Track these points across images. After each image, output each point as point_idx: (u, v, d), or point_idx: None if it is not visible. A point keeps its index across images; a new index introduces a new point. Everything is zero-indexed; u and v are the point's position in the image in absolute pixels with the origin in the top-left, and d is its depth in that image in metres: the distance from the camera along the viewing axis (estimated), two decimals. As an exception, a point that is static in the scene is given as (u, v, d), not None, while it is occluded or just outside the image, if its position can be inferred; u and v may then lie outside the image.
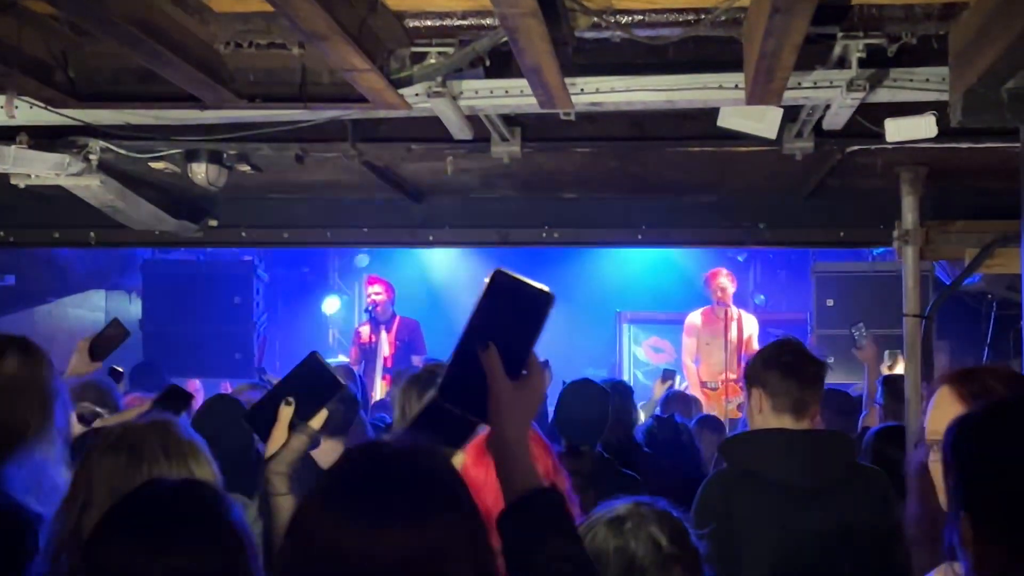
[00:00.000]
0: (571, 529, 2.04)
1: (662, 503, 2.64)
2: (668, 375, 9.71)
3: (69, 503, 2.75)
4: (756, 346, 10.85)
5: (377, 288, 11.59)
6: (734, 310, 10.84)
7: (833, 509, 3.95)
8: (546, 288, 2.01)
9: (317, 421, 3.49)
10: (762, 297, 10.77)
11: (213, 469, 2.91)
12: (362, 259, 13.88)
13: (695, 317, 11.18)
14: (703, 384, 10.67)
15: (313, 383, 3.51)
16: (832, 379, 6.28)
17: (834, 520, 3.93)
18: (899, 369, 7.48)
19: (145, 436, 2.84)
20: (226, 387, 9.55)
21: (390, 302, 11.66)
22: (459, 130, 5.36)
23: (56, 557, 2.64)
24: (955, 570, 2.23)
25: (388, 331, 11.40)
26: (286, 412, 3.43)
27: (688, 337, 11.18)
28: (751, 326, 11.10)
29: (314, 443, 3.49)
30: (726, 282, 10.91)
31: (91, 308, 12.35)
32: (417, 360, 11.51)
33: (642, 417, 8.16)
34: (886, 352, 7.97)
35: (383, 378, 11.21)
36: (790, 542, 3.91)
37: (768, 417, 4.19)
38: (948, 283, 7.99)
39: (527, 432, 2.04)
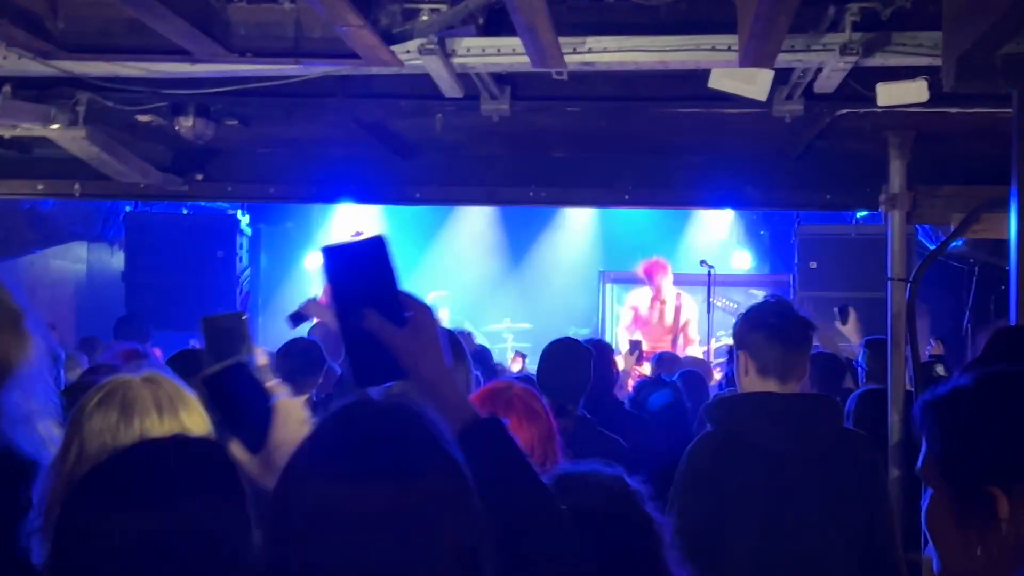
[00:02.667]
0: (518, 455, 2.05)
1: (618, 470, 2.56)
2: (635, 346, 9.73)
3: (63, 455, 2.74)
4: (693, 334, 11.04)
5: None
6: (672, 296, 11.02)
7: (821, 474, 3.92)
8: (372, 235, 2.01)
9: (261, 356, 3.46)
10: (709, 267, 10.72)
11: (206, 421, 2.90)
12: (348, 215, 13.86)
13: (635, 298, 11.39)
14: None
15: (226, 333, 3.45)
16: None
17: (822, 485, 3.90)
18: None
19: (136, 389, 2.82)
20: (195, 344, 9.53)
21: None
22: (450, 88, 5.34)
23: (49, 511, 2.63)
24: None
25: None
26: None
27: (626, 310, 11.39)
28: (690, 311, 11.21)
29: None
30: (650, 272, 11.09)
31: (73, 260, 12.31)
32: None
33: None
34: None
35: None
36: (777, 507, 3.89)
37: (754, 380, 4.15)
38: (931, 247, 8.05)
39: (444, 366, 2.02)
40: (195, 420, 2.87)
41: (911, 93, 5.02)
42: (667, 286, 11.09)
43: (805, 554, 3.83)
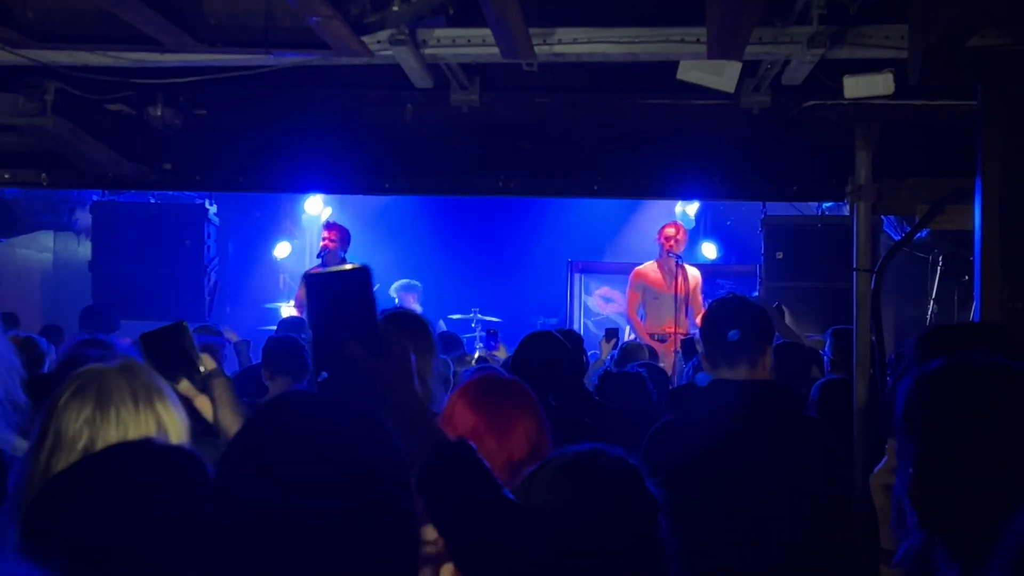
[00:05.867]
0: (488, 475, 2.10)
1: (617, 450, 2.62)
2: (611, 334, 9.74)
3: (37, 446, 2.73)
4: (701, 298, 10.95)
5: (328, 234, 11.53)
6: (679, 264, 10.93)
7: (776, 459, 3.98)
8: (356, 265, 2.07)
9: (207, 362, 3.47)
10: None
11: (182, 415, 2.89)
12: (318, 208, 13.84)
13: (643, 269, 11.19)
14: (651, 336, 10.70)
15: (167, 347, 3.47)
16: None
17: (776, 469, 3.96)
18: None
19: (113, 379, 2.81)
20: None
21: (341, 249, 11.60)
22: (420, 78, 5.36)
23: (25, 502, 2.62)
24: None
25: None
26: (184, 387, 3.39)
27: (633, 290, 11.20)
28: (696, 279, 11.16)
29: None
30: (679, 234, 10.93)
31: (39, 249, 12.24)
32: None
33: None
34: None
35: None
36: (733, 492, 3.94)
37: (712, 370, 4.27)
38: (896, 238, 8.12)
39: (416, 394, 2.11)
40: (170, 411, 2.87)
41: (877, 86, 5.08)
42: (681, 242, 10.95)
43: (763, 537, 3.89)
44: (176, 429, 2.78)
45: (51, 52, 5.11)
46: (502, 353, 10.83)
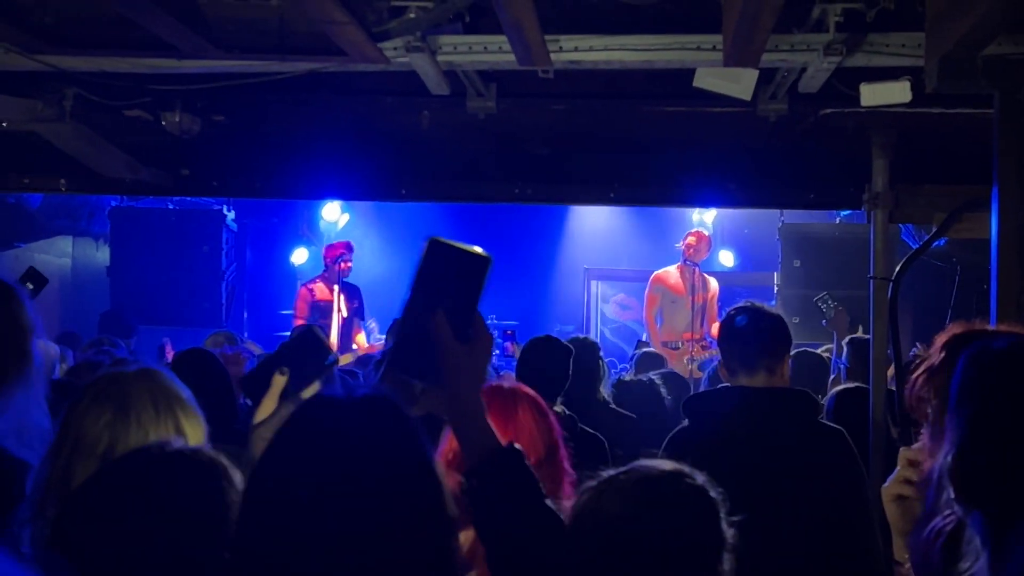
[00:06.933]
0: (535, 486, 2.08)
1: (701, 477, 2.52)
2: (641, 346, 9.80)
3: (56, 451, 2.74)
4: (717, 308, 10.94)
5: (347, 255, 11.49)
6: (699, 272, 10.92)
7: (791, 464, 3.99)
8: (482, 251, 2.05)
9: (309, 392, 3.48)
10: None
11: (201, 421, 2.89)
12: (335, 214, 13.85)
13: (663, 274, 11.18)
14: (664, 344, 10.70)
15: (308, 355, 3.49)
16: (798, 340, 6.33)
17: (792, 474, 3.97)
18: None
19: (133, 385, 2.82)
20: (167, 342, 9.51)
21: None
22: (436, 85, 5.36)
23: (42, 505, 2.63)
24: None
25: (343, 293, 11.17)
26: (279, 381, 3.39)
27: (652, 293, 11.18)
28: (713, 288, 11.16)
29: None
30: (700, 243, 10.94)
31: (58, 254, 12.29)
32: (372, 323, 11.60)
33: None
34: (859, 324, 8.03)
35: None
36: (750, 499, 3.94)
37: (729, 377, 4.29)
38: (914, 246, 8.08)
39: (479, 393, 2.06)
40: (190, 416, 2.87)
41: (894, 93, 5.06)
42: (703, 250, 10.96)
43: (779, 541, 3.88)
44: (195, 434, 2.80)
45: (69, 58, 5.13)
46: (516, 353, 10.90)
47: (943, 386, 2.27)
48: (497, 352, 11.07)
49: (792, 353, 4.50)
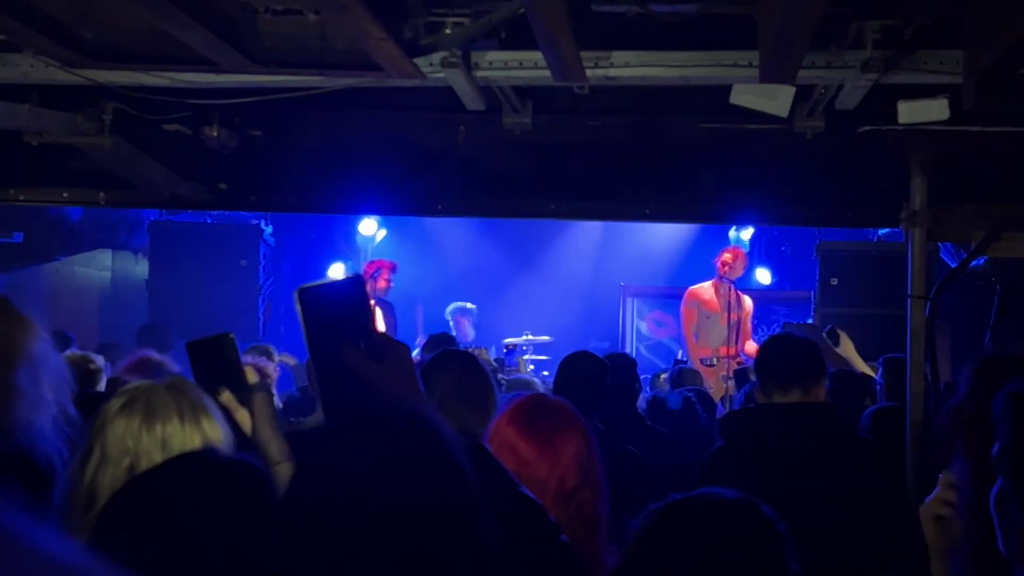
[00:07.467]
0: (505, 476, 2.08)
1: (769, 510, 2.43)
2: (678, 363, 9.79)
3: (83, 461, 2.75)
4: (751, 326, 10.91)
5: (385, 272, 11.50)
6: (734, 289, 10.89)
7: (829, 478, 3.98)
8: (348, 274, 2.09)
9: (251, 376, 3.47)
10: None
11: (225, 431, 2.90)
12: (372, 229, 13.89)
13: (698, 289, 11.16)
14: (701, 360, 10.66)
15: (213, 357, 3.47)
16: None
17: (829, 488, 3.96)
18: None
19: (159, 396, 2.84)
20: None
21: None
22: (472, 100, 5.37)
23: (69, 514, 2.65)
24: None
25: (378, 308, 11.16)
26: (227, 398, 3.38)
27: (688, 308, 11.15)
28: (748, 306, 11.12)
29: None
30: (735, 260, 10.90)
31: (98, 267, 12.38)
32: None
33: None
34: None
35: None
36: (787, 513, 3.94)
37: (763, 396, 4.29)
38: (952, 265, 8.02)
39: (421, 397, 2.08)
40: (215, 428, 2.88)
41: (932, 111, 5.03)
42: (738, 268, 10.93)
43: (822, 557, 3.87)
44: (221, 445, 2.81)
45: (108, 72, 5.18)
46: (521, 368, 10.90)
47: (975, 416, 2.25)
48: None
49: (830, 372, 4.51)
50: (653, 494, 2.52)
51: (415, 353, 11.51)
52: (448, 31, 4.71)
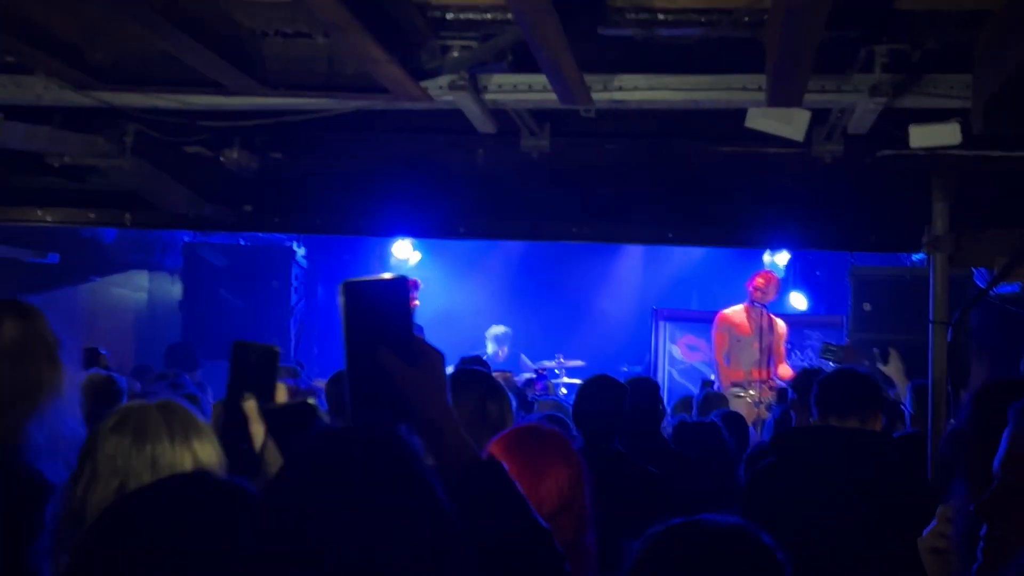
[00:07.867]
0: (518, 497, 2.05)
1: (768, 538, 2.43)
2: (707, 386, 9.75)
3: (75, 479, 2.77)
4: (784, 350, 10.84)
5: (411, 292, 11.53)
6: (766, 313, 10.83)
7: (872, 500, 4.10)
8: (393, 275, 2.05)
9: (280, 395, 3.47)
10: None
11: (216, 450, 2.91)
12: (406, 252, 13.93)
13: (729, 313, 11.11)
14: (732, 384, 10.60)
15: (255, 363, 3.47)
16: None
17: (873, 511, 4.07)
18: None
19: (150, 416, 2.86)
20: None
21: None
22: (482, 123, 5.37)
23: (60, 533, 2.66)
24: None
25: None
26: (251, 406, 3.39)
27: (720, 332, 11.10)
28: (781, 330, 11.06)
29: None
30: (768, 285, 10.85)
31: (133, 288, 12.50)
32: None
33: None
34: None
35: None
36: (831, 531, 4.07)
37: (819, 419, 4.58)
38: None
39: (448, 407, 2.05)
40: (206, 449, 2.90)
41: (944, 135, 4.98)
42: (770, 292, 10.90)
43: (855, 567, 4.02)
44: (212, 466, 2.81)
45: (121, 94, 5.22)
46: (550, 391, 10.91)
47: (974, 440, 2.26)
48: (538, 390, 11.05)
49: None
50: (669, 517, 2.50)
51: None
52: (455, 54, 4.71)
